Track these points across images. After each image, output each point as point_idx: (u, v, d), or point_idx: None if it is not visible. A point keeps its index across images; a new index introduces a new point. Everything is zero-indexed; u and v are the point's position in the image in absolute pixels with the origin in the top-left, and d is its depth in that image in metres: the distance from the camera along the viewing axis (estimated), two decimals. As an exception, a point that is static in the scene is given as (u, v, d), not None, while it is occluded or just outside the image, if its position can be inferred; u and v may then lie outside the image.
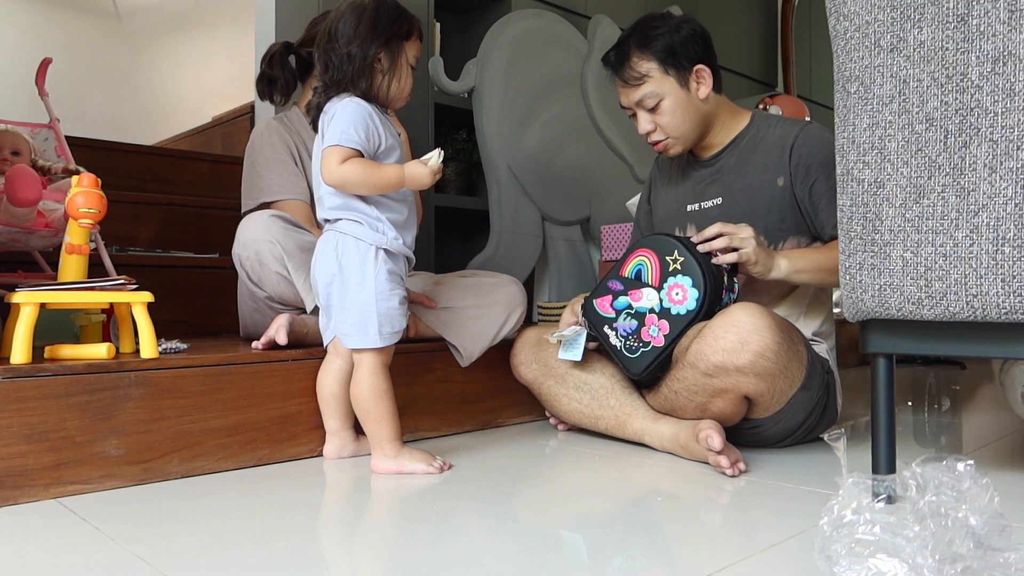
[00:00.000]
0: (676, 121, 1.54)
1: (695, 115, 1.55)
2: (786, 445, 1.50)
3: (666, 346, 1.40)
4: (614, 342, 1.46)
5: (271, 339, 1.46)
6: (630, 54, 1.54)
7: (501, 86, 2.44)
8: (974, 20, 0.99)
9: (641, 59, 1.53)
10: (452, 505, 1.13)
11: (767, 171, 1.53)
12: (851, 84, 1.09)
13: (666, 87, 1.53)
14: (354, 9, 1.28)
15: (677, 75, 1.53)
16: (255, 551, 0.92)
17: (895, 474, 1.06)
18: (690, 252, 1.39)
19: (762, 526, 1.03)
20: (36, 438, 1.13)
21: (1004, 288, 0.98)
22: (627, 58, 1.54)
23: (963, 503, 0.70)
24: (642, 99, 1.54)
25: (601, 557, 0.91)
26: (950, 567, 0.66)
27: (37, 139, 1.76)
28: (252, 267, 1.54)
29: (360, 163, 1.24)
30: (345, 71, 1.27)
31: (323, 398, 1.39)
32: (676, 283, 1.39)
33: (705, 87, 1.55)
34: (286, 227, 1.53)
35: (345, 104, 1.26)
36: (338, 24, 1.28)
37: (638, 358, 1.43)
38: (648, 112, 1.55)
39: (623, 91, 1.58)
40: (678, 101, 1.54)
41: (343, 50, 1.26)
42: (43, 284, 1.26)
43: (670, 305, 1.39)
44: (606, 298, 1.47)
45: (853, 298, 1.10)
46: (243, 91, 2.83)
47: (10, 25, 3.57)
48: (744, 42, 4.02)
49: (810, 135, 1.51)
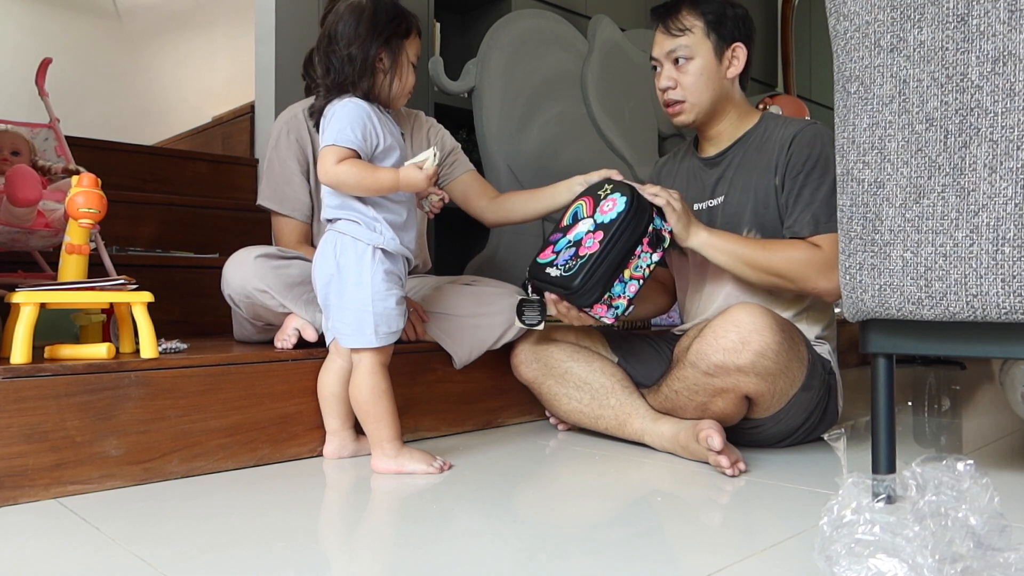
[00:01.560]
0: (699, 85, 1.56)
1: (717, 88, 1.57)
2: (787, 445, 1.50)
3: (601, 251, 1.35)
4: (554, 274, 1.39)
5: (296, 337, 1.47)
6: (682, 5, 1.56)
7: (501, 86, 2.44)
8: (974, 20, 0.99)
9: (691, 13, 1.55)
10: (452, 505, 1.13)
11: (768, 170, 1.53)
12: (851, 84, 1.09)
13: (702, 48, 1.55)
14: (352, 10, 1.29)
15: (716, 42, 1.55)
16: (255, 551, 0.92)
17: (895, 474, 1.06)
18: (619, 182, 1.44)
19: (762, 526, 1.03)
20: (36, 438, 1.13)
21: (1004, 288, 0.98)
22: (678, 8, 1.57)
23: (963, 503, 0.70)
24: (675, 49, 1.55)
25: (601, 557, 0.91)
26: (950, 567, 0.66)
27: (37, 139, 1.76)
28: (248, 307, 1.53)
29: (355, 164, 1.25)
30: (347, 73, 1.28)
31: (323, 397, 1.39)
32: (607, 199, 1.42)
33: (736, 67, 1.57)
34: (276, 266, 1.49)
35: (344, 104, 1.27)
36: (337, 26, 1.29)
37: (575, 271, 1.36)
38: (674, 66, 1.56)
39: (660, 39, 1.59)
40: (707, 66, 1.55)
41: (344, 52, 1.27)
42: (43, 284, 1.26)
43: (602, 217, 1.40)
44: (547, 249, 1.47)
45: (853, 298, 1.10)
46: (243, 91, 2.83)
47: (10, 25, 3.57)
48: (744, 42, 4.01)
49: (808, 134, 1.51)
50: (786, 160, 1.50)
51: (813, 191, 1.46)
